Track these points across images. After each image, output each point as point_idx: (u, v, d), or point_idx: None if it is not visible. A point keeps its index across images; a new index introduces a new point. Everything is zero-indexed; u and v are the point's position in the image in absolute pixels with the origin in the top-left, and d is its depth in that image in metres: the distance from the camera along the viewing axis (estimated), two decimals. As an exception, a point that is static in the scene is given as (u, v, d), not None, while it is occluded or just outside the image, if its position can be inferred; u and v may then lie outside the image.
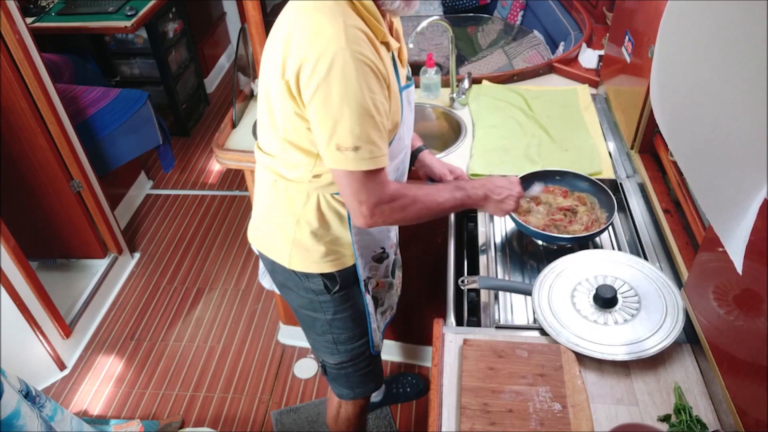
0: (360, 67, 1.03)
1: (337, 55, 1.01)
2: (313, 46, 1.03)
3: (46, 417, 1.71)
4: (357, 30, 1.05)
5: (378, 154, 1.09)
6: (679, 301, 1.22)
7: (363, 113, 1.05)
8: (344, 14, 1.05)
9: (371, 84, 1.05)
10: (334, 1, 1.06)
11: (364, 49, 1.04)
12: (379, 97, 1.07)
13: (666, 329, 1.17)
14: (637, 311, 1.21)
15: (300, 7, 1.10)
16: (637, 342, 1.16)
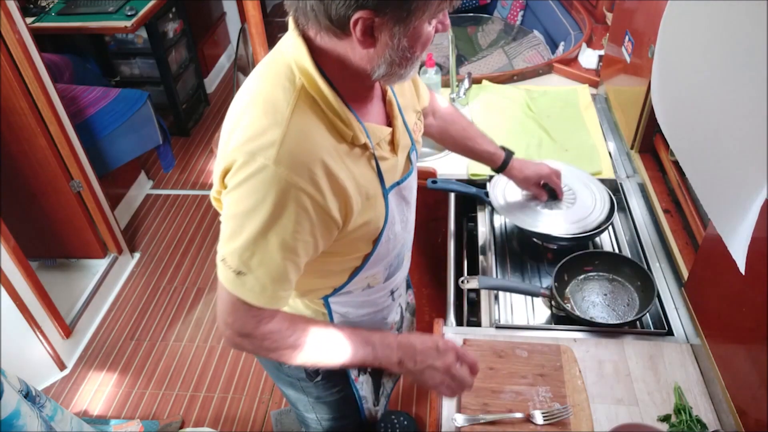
0: (289, 197, 0.83)
1: (262, 175, 0.82)
2: (243, 149, 0.84)
3: (46, 417, 1.71)
4: (304, 143, 0.84)
5: (267, 293, 0.89)
6: (603, 191, 1.50)
7: (265, 248, 0.85)
8: (297, 114, 0.84)
9: (296, 218, 0.84)
10: (291, 89, 0.86)
11: (307, 173, 0.83)
12: (304, 236, 0.86)
13: (598, 210, 1.44)
14: (574, 201, 1.47)
15: (252, 87, 0.91)
16: (580, 220, 1.42)
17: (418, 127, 1.12)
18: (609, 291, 1.36)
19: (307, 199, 0.84)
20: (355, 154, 0.91)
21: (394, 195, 1.02)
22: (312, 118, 0.86)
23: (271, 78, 0.88)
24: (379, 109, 1.00)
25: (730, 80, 0.98)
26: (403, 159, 1.04)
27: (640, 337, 1.24)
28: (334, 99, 0.86)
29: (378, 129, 0.95)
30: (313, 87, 0.86)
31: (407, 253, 1.20)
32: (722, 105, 1.00)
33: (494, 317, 1.33)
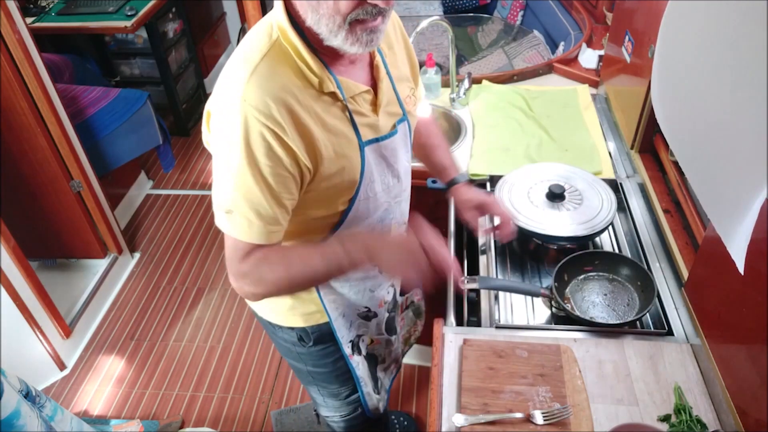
0: (253, 130, 0.89)
1: (230, 110, 0.90)
2: (217, 94, 0.94)
3: (46, 417, 1.71)
4: (267, 82, 0.90)
5: (255, 229, 0.95)
6: (609, 191, 1.50)
7: (243, 182, 0.91)
8: (267, 60, 0.92)
9: (265, 151, 0.90)
10: (267, 41, 0.94)
11: (268, 108, 0.89)
12: (276, 169, 0.91)
13: (605, 210, 1.44)
14: (580, 201, 1.47)
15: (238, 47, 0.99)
16: (588, 221, 1.42)
17: (411, 100, 1.16)
18: (609, 291, 1.36)
19: (270, 133, 0.89)
20: (326, 102, 0.97)
21: (371, 151, 1.05)
22: (281, 63, 0.92)
23: (253, 36, 0.96)
24: (363, 71, 1.05)
25: (730, 80, 0.98)
26: (387, 122, 1.08)
27: (640, 337, 1.24)
28: (303, 49, 0.93)
29: (352, 84, 1.00)
30: (285, 39, 0.93)
31: (394, 224, 1.20)
32: (722, 105, 1.00)
33: (494, 317, 1.33)
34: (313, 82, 0.94)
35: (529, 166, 1.61)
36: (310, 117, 0.94)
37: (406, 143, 1.14)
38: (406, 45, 1.19)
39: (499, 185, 1.55)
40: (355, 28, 0.88)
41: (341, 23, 0.86)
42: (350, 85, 0.99)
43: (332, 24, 0.87)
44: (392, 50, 1.13)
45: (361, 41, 0.89)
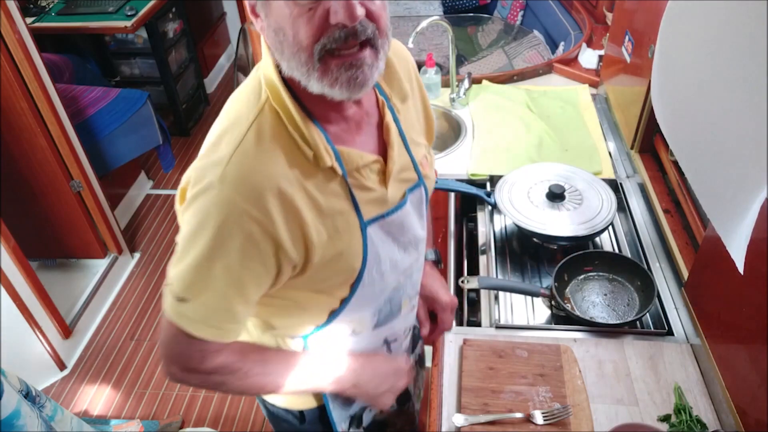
0: (231, 218, 0.75)
1: (208, 191, 0.75)
2: (197, 165, 0.79)
3: (46, 417, 1.71)
4: (254, 161, 0.76)
5: (210, 324, 0.81)
6: (609, 191, 1.51)
7: (207, 272, 0.77)
8: (254, 131, 0.77)
9: (242, 244, 0.76)
10: (255, 104, 0.79)
11: (254, 194, 0.75)
12: (251, 264, 0.78)
13: (605, 210, 1.44)
14: (580, 202, 1.47)
15: (226, 105, 0.86)
16: (588, 221, 1.42)
17: (427, 160, 1.00)
18: (609, 291, 1.36)
19: (254, 224, 0.75)
20: (323, 179, 0.81)
21: (376, 229, 0.90)
22: (272, 134, 0.78)
23: (242, 93, 0.83)
24: (371, 136, 0.89)
25: (730, 80, 0.98)
26: (396, 193, 0.92)
27: (640, 337, 1.24)
28: (296, 113, 0.78)
29: (356, 155, 0.84)
30: (276, 100, 0.78)
31: (407, 300, 1.05)
32: (722, 105, 1.00)
33: (494, 317, 1.33)
34: (308, 156, 0.79)
35: (529, 166, 1.61)
36: (303, 199, 0.79)
37: (419, 211, 0.99)
38: (422, 94, 1.03)
39: (499, 185, 1.55)
40: (330, 63, 0.72)
41: (308, 60, 0.72)
42: (353, 157, 0.84)
43: (299, 63, 0.73)
44: (406, 104, 0.95)
45: (341, 81, 0.73)
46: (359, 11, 0.69)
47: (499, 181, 1.57)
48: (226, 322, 0.82)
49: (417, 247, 1.01)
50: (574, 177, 1.54)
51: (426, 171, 0.98)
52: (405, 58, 0.98)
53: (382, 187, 0.89)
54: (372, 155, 0.87)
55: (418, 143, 0.97)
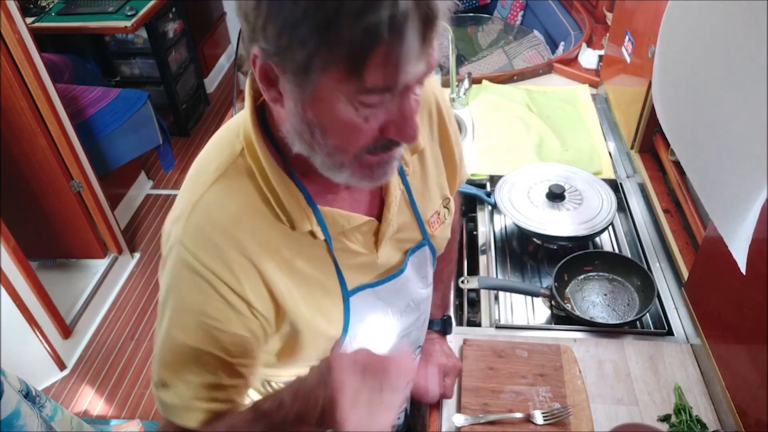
0: (192, 281, 0.68)
1: (172, 250, 0.69)
2: (165, 224, 0.72)
3: (46, 417, 1.71)
4: (217, 214, 0.68)
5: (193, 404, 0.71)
6: (609, 191, 1.50)
7: (180, 343, 0.69)
8: (220, 184, 0.69)
9: (215, 308, 0.68)
10: (227, 154, 0.71)
11: (215, 252, 0.67)
12: (230, 328, 0.69)
13: (606, 210, 1.44)
14: (580, 202, 1.47)
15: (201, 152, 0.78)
16: (588, 221, 1.42)
17: (440, 217, 0.89)
18: (609, 291, 1.36)
19: (221, 284, 0.68)
20: (301, 241, 0.73)
21: (363, 297, 0.80)
22: (240, 188, 0.69)
23: (217, 141, 0.75)
24: (364, 192, 0.78)
25: (731, 80, 0.98)
26: (392, 256, 0.83)
27: (640, 337, 1.24)
28: (273, 172, 0.69)
29: (343, 217, 0.74)
30: (251, 153, 0.70)
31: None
32: (723, 104, 1.00)
33: (494, 317, 1.33)
34: (282, 220, 0.71)
35: (529, 166, 1.61)
36: (273, 263, 0.70)
37: (422, 272, 0.90)
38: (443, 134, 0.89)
39: (499, 185, 1.55)
40: (365, 161, 0.65)
41: (344, 161, 0.64)
42: (339, 219, 0.74)
43: (331, 162, 0.64)
44: (421, 155, 0.84)
45: (371, 177, 0.66)
46: (418, 130, 0.62)
47: (499, 181, 1.57)
48: (212, 402, 0.71)
49: (418, 308, 0.92)
50: (574, 177, 1.54)
51: (433, 230, 0.88)
52: (428, 96, 0.85)
53: (373, 251, 0.80)
54: (361, 217, 0.76)
55: (430, 197, 0.87)
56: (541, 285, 1.41)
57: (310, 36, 0.54)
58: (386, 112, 0.60)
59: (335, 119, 0.60)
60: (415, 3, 0.53)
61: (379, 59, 0.54)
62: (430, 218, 0.87)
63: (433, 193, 0.88)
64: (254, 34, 0.58)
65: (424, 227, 0.85)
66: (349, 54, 0.53)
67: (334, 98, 0.58)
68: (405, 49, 0.54)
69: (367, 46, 0.53)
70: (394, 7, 0.52)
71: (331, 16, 0.52)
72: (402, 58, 0.54)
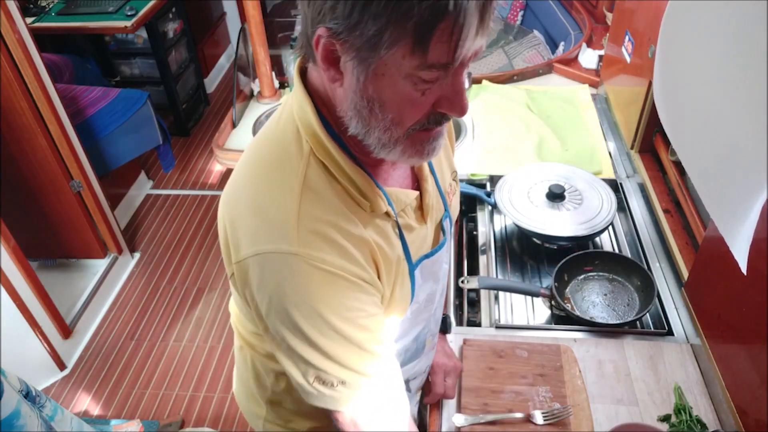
0: (326, 283, 0.69)
1: (289, 262, 0.68)
2: (259, 249, 0.70)
3: (46, 417, 1.71)
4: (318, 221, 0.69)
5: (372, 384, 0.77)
6: (609, 191, 1.50)
7: (339, 342, 0.72)
8: (310, 186, 0.70)
9: (350, 302, 0.72)
10: (298, 157, 0.71)
11: (333, 256, 0.69)
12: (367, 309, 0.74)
13: (606, 210, 1.44)
14: (580, 201, 1.47)
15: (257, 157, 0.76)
16: (588, 221, 1.42)
17: (452, 188, 0.95)
18: (609, 291, 1.36)
19: (354, 277, 0.71)
20: (379, 225, 0.77)
21: (422, 270, 0.85)
22: (326, 187, 0.72)
23: (277, 144, 0.74)
24: (403, 168, 0.83)
25: (732, 80, 0.98)
26: (433, 228, 0.87)
27: (640, 337, 1.24)
28: (346, 163, 0.71)
29: (402, 194, 0.79)
30: (321, 151, 0.71)
31: (431, 337, 1.01)
32: (724, 105, 1.00)
33: (494, 317, 1.33)
34: (363, 206, 0.74)
35: (529, 166, 1.61)
36: (374, 245, 0.75)
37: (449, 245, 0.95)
38: None
39: (499, 185, 1.55)
40: (416, 137, 0.68)
41: (400, 136, 0.67)
42: (400, 196, 0.79)
43: (387, 138, 0.67)
44: None
45: (422, 152, 0.70)
46: (468, 105, 0.66)
47: (499, 181, 1.57)
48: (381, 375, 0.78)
49: (444, 282, 0.97)
50: (574, 177, 1.54)
51: (450, 199, 0.92)
52: None
53: (422, 223, 0.84)
54: (414, 191, 0.82)
55: (443, 170, 0.91)
56: (541, 285, 1.41)
57: (381, 11, 0.56)
58: (440, 87, 0.63)
59: (395, 93, 0.63)
60: None
61: (444, 35, 0.57)
62: (447, 189, 0.91)
63: (445, 165, 0.92)
64: (321, 15, 0.60)
65: (444, 198, 0.90)
66: (416, 29, 0.56)
67: (396, 73, 0.61)
68: (467, 25, 0.57)
69: (433, 22, 0.56)
70: None
71: None
72: (464, 34, 0.57)
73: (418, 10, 0.56)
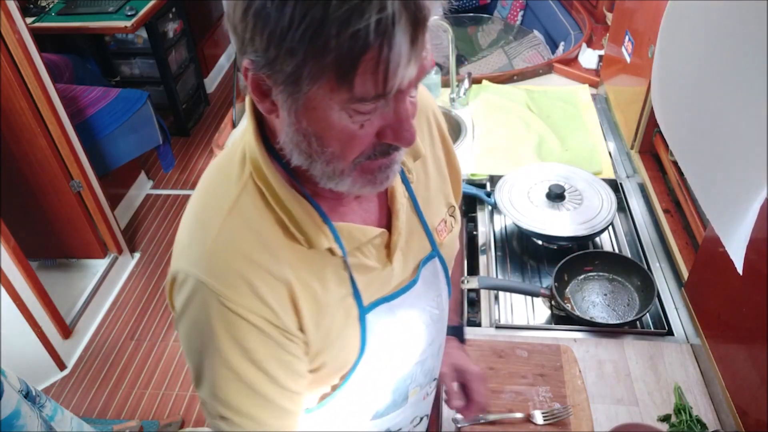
0: (228, 320, 0.65)
1: (197, 292, 0.66)
2: (179, 263, 0.68)
3: (46, 417, 1.70)
4: (234, 254, 0.66)
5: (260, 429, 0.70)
6: (609, 191, 1.51)
7: (230, 380, 0.68)
8: (235, 213, 0.67)
9: (247, 343, 0.67)
10: (235, 182, 0.68)
11: (241, 294, 0.65)
12: (266, 357, 0.68)
13: (605, 210, 1.44)
14: (580, 201, 1.47)
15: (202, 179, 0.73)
16: (588, 221, 1.42)
17: (447, 225, 0.87)
18: (609, 291, 1.36)
19: (256, 317, 0.66)
20: (318, 263, 0.70)
21: (378, 314, 0.77)
22: (257, 215, 0.67)
23: (224, 164, 0.72)
24: (372, 204, 0.77)
25: (730, 80, 0.98)
26: (407, 267, 0.80)
27: (640, 337, 1.24)
28: (284, 192, 0.67)
29: (358, 230, 0.72)
30: (259, 176, 0.67)
31: (417, 389, 0.91)
32: (722, 105, 1.00)
33: (494, 317, 1.33)
34: (300, 240, 0.68)
35: (529, 166, 1.61)
36: (299, 286, 0.69)
37: (435, 287, 0.86)
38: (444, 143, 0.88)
39: (499, 185, 1.55)
40: (366, 168, 0.63)
41: (345, 168, 0.63)
42: (354, 233, 0.72)
43: (331, 170, 0.63)
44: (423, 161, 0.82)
45: (374, 182, 0.65)
46: (415, 133, 0.60)
47: (499, 181, 1.57)
48: (275, 420, 0.71)
49: (432, 330, 0.88)
50: (574, 177, 1.54)
51: (442, 238, 0.85)
52: (425, 105, 0.84)
53: (387, 263, 0.77)
54: (375, 229, 0.74)
55: (435, 205, 0.84)
56: (541, 285, 1.41)
57: (297, 46, 0.52)
58: (382, 117, 0.59)
59: (330, 127, 0.58)
60: (402, 3, 0.51)
61: (369, 66, 0.52)
62: (437, 226, 0.85)
63: (438, 200, 0.86)
64: (243, 47, 0.57)
65: (432, 236, 0.83)
66: (337, 63, 0.52)
67: (327, 107, 0.57)
68: (394, 54, 0.52)
69: (355, 54, 0.51)
70: (381, 11, 0.50)
71: (318, 25, 0.51)
72: (392, 64, 0.52)
73: (336, 44, 0.51)
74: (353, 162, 0.62)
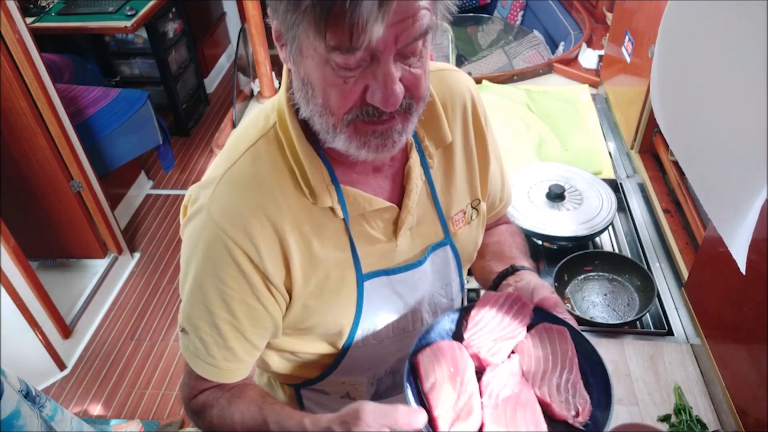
0: (216, 248, 0.71)
1: (198, 213, 0.73)
2: (195, 185, 0.77)
3: (46, 417, 1.71)
4: (245, 186, 0.72)
5: (208, 360, 0.77)
6: (609, 191, 1.50)
7: (200, 300, 0.74)
8: (251, 154, 0.73)
9: (231, 275, 0.72)
10: (261, 126, 0.75)
11: (240, 223, 0.70)
12: (244, 297, 0.73)
13: (606, 210, 1.43)
14: (580, 201, 1.47)
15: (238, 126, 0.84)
16: (588, 221, 1.42)
17: (465, 216, 0.87)
18: (609, 291, 1.36)
19: (240, 253, 0.71)
20: (321, 220, 0.74)
21: (377, 285, 0.80)
22: (268, 157, 0.73)
23: (253, 116, 0.78)
24: (388, 179, 0.79)
25: (730, 80, 0.98)
26: (412, 248, 0.81)
27: (640, 337, 1.24)
28: (300, 144, 0.71)
29: (363, 198, 0.75)
30: (282, 127, 0.73)
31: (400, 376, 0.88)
32: (722, 105, 1.00)
33: (494, 317, 1.33)
34: (305, 192, 0.72)
35: (529, 166, 1.61)
36: (294, 236, 0.73)
37: (444, 274, 0.86)
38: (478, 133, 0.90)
39: (499, 185, 1.54)
40: (358, 128, 0.66)
41: (336, 123, 0.66)
42: (360, 199, 0.75)
43: (324, 123, 0.67)
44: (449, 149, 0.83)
45: (368, 146, 0.67)
46: (398, 97, 0.62)
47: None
48: (223, 359, 0.77)
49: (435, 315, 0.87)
50: (574, 177, 1.54)
51: (457, 229, 0.85)
52: (462, 94, 0.86)
53: (392, 238, 0.79)
54: (382, 201, 0.77)
55: (456, 194, 0.84)
56: (541, 285, 1.41)
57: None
58: (367, 77, 0.62)
59: (320, 77, 0.63)
60: None
61: (339, 18, 0.56)
62: (454, 216, 0.85)
63: (460, 190, 0.85)
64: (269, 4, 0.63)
65: (446, 224, 0.84)
66: (312, 9, 0.57)
67: (313, 56, 0.61)
68: (362, 9, 0.55)
69: (324, 6, 0.56)
70: None
71: None
72: (359, 18, 0.55)
73: None
74: (344, 119, 0.65)
